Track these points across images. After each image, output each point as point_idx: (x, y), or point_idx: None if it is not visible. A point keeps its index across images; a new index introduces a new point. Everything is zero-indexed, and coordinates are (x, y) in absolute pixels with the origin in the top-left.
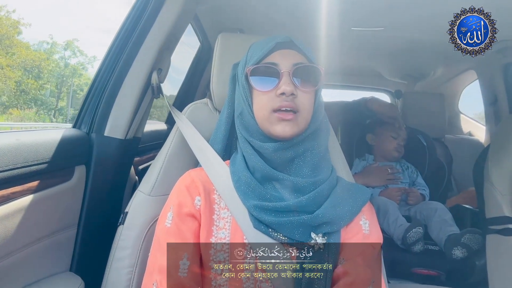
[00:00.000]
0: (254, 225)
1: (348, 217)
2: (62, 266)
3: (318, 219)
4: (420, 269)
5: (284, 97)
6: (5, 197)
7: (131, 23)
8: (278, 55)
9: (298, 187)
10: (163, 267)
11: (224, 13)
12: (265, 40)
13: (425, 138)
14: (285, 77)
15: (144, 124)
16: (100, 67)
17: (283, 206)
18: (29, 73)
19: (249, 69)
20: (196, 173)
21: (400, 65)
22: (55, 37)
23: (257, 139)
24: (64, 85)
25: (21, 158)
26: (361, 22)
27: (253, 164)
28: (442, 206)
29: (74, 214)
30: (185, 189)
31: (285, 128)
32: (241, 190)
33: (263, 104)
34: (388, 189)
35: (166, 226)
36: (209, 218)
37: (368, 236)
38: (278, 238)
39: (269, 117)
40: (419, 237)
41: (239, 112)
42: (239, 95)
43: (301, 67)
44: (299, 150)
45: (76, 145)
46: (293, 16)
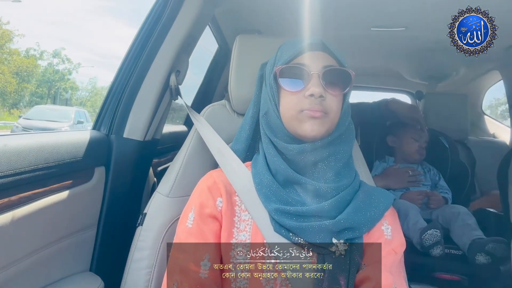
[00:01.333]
0: (275, 229)
1: (371, 223)
2: (82, 266)
3: (340, 224)
4: (442, 274)
5: (312, 99)
6: (27, 197)
7: (150, 25)
8: (308, 57)
9: (320, 192)
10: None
11: (242, 14)
12: (295, 41)
13: (447, 140)
14: (314, 79)
15: (162, 125)
16: (119, 69)
17: (304, 210)
18: (23, 78)
19: (278, 68)
20: (218, 174)
21: (421, 65)
22: (40, 44)
23: (282, 140)
24: (51, 88)
25: (42, 160)
26: (381, 22)
27: (275, 167)
28: (465, 210)
29: (93, 214)
30: (207, 190)
31: (313, 126)
32: (263, 193)
33: (291, 104)
34: (409, 192)
35: (188, 227)
36: (230, 220)
37: (390, 242)
38: (298, 242)
39: (297, 116)
40: (436, 240)
41: (265, 111)
42: (265, 95)
43: (331, 70)
44: (323, 154)
45: (95, 146)
46: (312, 16)
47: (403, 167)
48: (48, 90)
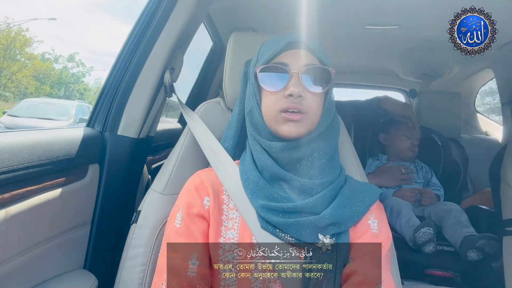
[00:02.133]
0: (262, 226)
1: (356, 217)
2: (76, 263)
3: (325, 219)
4: (435, 270)
5: (291, 99)
6: (20, 195)
7: (144, 22)
8: (289, 55)
9: (305, 188)
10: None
11: (236, 12)
12: (276, 39)
13: (439, 137)
14: (294, 78)
15: (157, 123)
16: (113, 66)
17: (290, 207)
18: (41, 81)
19: (258, 68)
20: (205, 173)
21: (415, 63)
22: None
23: (265, 138)
24: (66, 90)
25: (35, 157)
26: (376, 20)
27: (262, 163)
28: (457, 207)
29: (87, 212)
30: (194, 190)
31: (291, 129)
32: (250, 190)
33: (271, 104)
34: (401, 189)
35: (176, 227)
36: (218, 219)
37: (376, 235)
38: (285, 239)
39: (276, 117)
40: (429, 237)
41: (249, 109)
42: (249, 93)
43: (311, 69)
44: (306, 151)
45: (89, 144)
46: (306, 14)
47: (396, 165)
48: (64, 90)
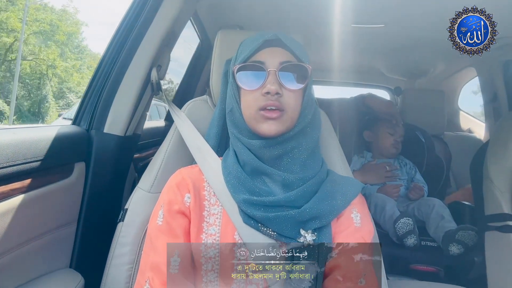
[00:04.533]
0: (244, 220)
1: (337, 211)
2: (61, 262)
3: (305, 213)
4: (419, 266)
5: (269, 96)
6: (4, 193)
7: (131, 19)
8: (266, 53)
9: (287, 182)
10: (155, 264)
11: (223, 9)
12: (253, 38)
13: (423, 134)
14: (271, 76)
15: (143, 121)
16: (100, 63)
17: (271, 200)
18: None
19: (235, 67)
20: (187, 170)
21: (400, 62)
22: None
23: (245, 136)
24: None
25: (20, 155)
26: (361, 19)
27: (244, 158)
28: (440, 202)
29: (73, 210)
30: (175, 187)
31: (270, 127)
32: (231, 184)
33: (249, 103)
34: (385, 186)
35: (158, 224)
36: (199, 215)
37: (359, 229)
38: (267, 233)
39: (255, 116)
40: (409, 228)
41: (230, 109)
42: (229, 92)
43: (288, 66)
44: (286, 148)
45: (75, 141)
46: (293, 13)
47: (380, 163)
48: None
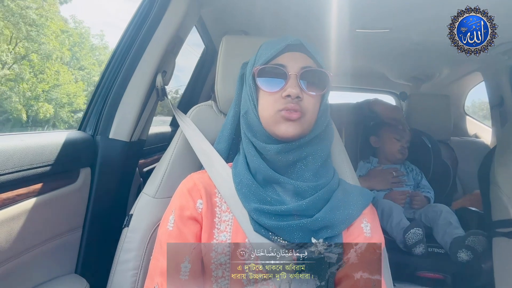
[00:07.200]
0: (255, 228)
1: (348, 221)
2: (67, 268)
3: (317, 223)
4: (426, 273)
5: (289, 99)
6: (11, 199)
7: (136, 26)
8: (287, 57)
9: (299, 191)
10: (164, 269)
11: (228, 15)
12: (275, 41)
13: (429, 140)
14: (292, 79)
15: (149, 126)
16: (105, 69)
17: (283, 210)
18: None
19: (256, 69)
20: (198, 176)
21: (405, 67)
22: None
23: (260, 140)
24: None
25: (26, 160)
26: (366, 24)
27: (255, 166)
28: (447, 209)
29: (79, 216)
30: (187, 192)
31: (288, 128)
32: (242, 193)
33: (268, 104)
34: (392, 192)
35: (168, 229)
36: (210, 221)
37: (369, 239)
38: (278, 241)
39: (274, 116)
40: (419, 238)
41: (245, 111)
42: (245, 95)
43: (309, 71)
44: (301, 154)
45: (81, 147)
46: (297, 18)
47: (387, 168)
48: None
